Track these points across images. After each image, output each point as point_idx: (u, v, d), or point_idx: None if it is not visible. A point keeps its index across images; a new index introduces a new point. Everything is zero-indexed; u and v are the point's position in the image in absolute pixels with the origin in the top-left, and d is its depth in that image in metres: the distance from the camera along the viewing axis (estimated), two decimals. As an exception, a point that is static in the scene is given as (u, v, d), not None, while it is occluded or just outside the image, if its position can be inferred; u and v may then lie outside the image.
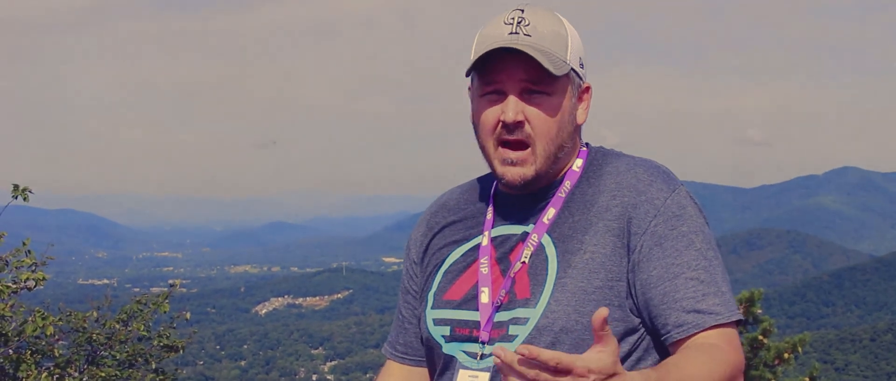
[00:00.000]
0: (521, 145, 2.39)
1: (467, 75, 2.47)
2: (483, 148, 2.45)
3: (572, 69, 2.41)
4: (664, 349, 2.38)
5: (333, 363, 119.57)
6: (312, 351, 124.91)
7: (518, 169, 2.39)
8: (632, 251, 2.35)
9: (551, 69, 2.34)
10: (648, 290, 2.33)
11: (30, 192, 8.26)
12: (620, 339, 2.33)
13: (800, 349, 16.99)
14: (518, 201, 2.51)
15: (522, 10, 2.40)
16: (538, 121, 2.38)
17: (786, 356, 16.75)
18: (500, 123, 2.38)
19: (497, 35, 2.38)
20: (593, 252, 2.36)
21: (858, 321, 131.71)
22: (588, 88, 2.50)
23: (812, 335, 19.15)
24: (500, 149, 2.40)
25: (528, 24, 2.38)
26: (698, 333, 2.30)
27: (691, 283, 2.32)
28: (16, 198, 8.21)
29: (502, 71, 2.37)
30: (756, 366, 16.63)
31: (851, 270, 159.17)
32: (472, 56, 2.40)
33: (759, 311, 16.93)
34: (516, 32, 2.37)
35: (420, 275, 2.66)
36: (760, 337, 16.72)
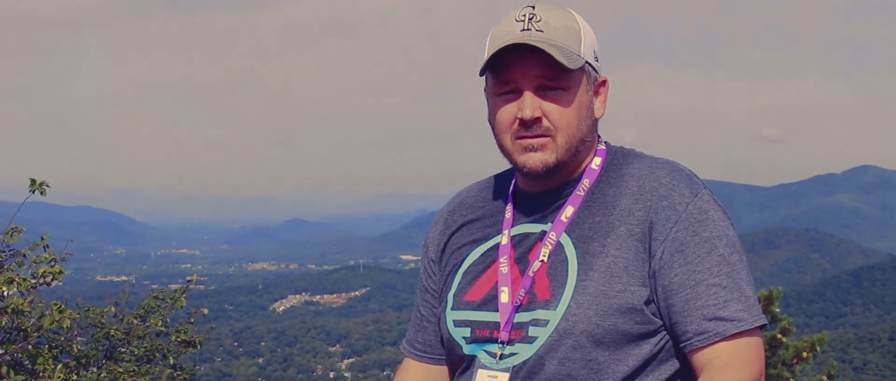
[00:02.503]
0: (541, 137, 2.38)
1: (481, 75, 2.44)
2: (501, 146, 2.43)
3: (587, 62, 2.40)
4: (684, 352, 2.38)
5: (351, 360, 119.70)
6: (330, 348, 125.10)
7: (539, 155, 2.37)
8: (653, 257, 2.33)
9: (565, 63, 2.32)
10: (670, 297, 2.32)
11: (47, 186, 8.28)
12: (641, 342, 2.34)
13: (818, 348, 16.94)
14: (536, 199, 2.49)
15: (533, 7, 2.39)
16: (556, 115, 2.36)
17: (804, 354, 16.71)
18: (518, 121, 2.37)
19: (509, 33, 2.36)
20: (615, 256, 2.34)
21: (877, 320, 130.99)
22: (604, 82, 2.48)
23: (830, 334, 19.05)
24: (518, 141, 2.38)
25: (539, 20, 2.36)
26: (720, 341, 2.29)
27: (713, 289, 2.30)
28: (33, 192, 8.22)
29: (517, 68, 2.36)
30: (774, 365, 16.59)
31: (870, 269, 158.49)
32: (486, 55, 2.39)
33: (778, 310, 16.89)
34: (528, 29, 2.35)
35: (439, 274, 2.65)
36: (779, 336, 16.69)
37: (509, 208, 2.54)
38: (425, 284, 2.70)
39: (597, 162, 2.48)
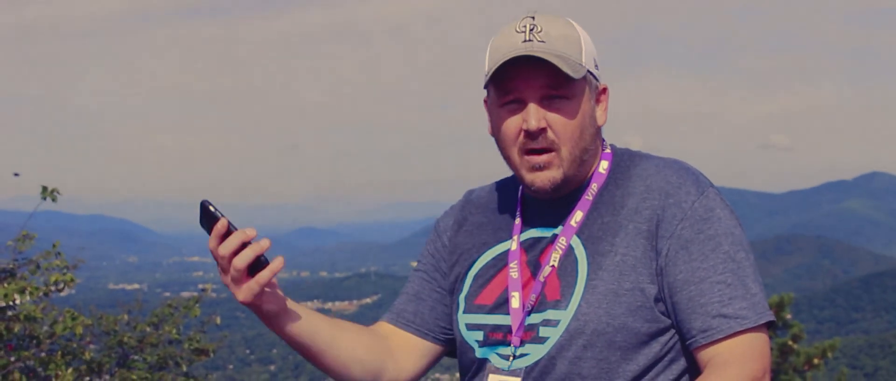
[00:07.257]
0: (546, 151, 2.37)
1: (485, 87, 2.45)
2: (508, 159, 2.43)
3: (588, 71, 2.40)
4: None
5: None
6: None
7: (547, 173, 2.37)
8: (659, 255, 2.34)
9: (570, 73, 2.32)
10: (675, 294, 2.32)
11: (58, 193, 8.31)
12: (651, 340, 2.34)
13: (829, 355, 16.94)
14: (545, 205, 2.49)
15: (533, 17, 2.39)
16: (560, 126, 2.36)
17: (815, 361, 16.71)
18: (523, 132, 2.36)
19: (511, 44, 2.36)
20: (624, 254, 2.35)
21: (888, 326, 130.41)
22: (605, 90, 2.49)
23: (841, 341, 19.03)
24: (525, 157, 2.38)
25: (540, 31, 2.36)
26: (724, 338, 2.29)
27: (718, 287, 2.29)
28: (45, 199, 8.25)
29: (520, 79, 2.35)
30: (785, 371, 16.59)
31: (881, 275, 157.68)
32: (487, 67, 2.39)
33: (789, 316, 16.91)
34: (530, 40, 2.35)
35: (448, 259, 2.65)
36: (790, 342, 16.69)
37: (518, 213, 2.55)
38: (434, 262, 2.68)
39: (604, 166, 2.49)
